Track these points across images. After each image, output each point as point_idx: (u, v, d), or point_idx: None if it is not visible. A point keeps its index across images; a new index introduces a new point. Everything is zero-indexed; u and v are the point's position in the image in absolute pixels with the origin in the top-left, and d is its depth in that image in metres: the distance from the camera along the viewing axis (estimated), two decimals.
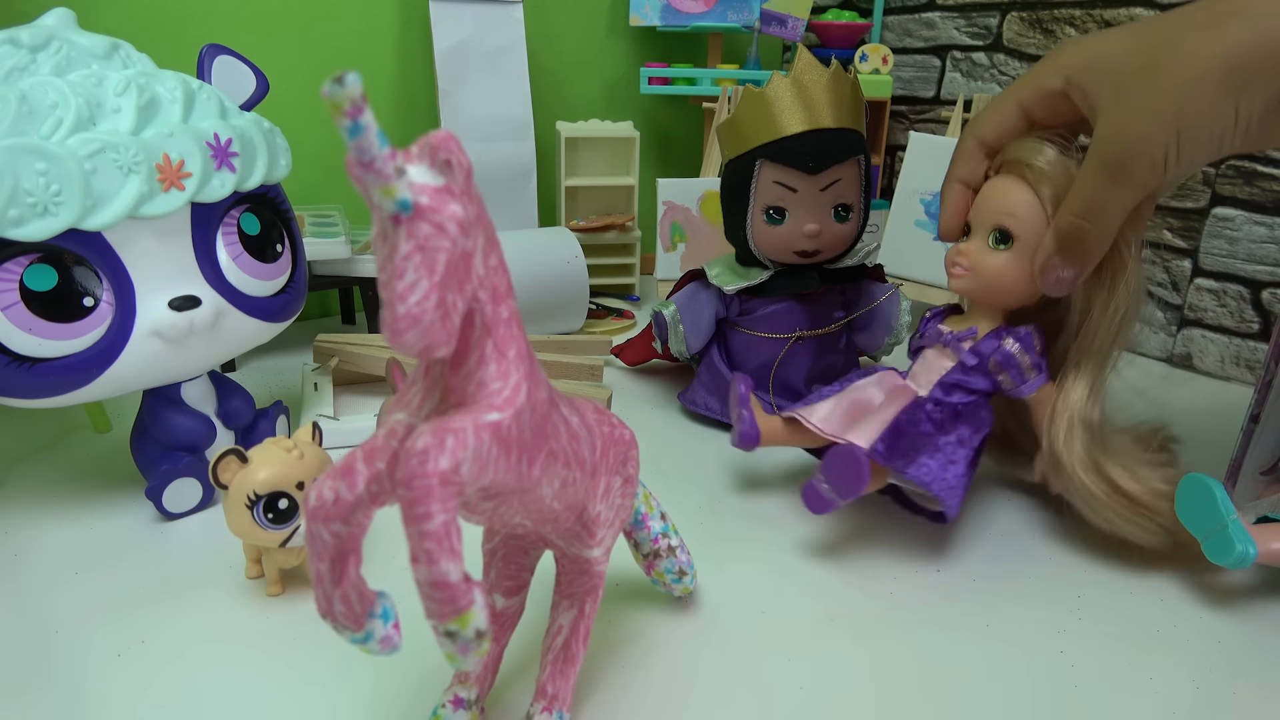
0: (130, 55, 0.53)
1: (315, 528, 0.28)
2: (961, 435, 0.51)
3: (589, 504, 0.36)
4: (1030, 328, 0.53)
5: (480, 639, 0.27)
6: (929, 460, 0.48)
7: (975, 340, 0.53)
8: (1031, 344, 0.52)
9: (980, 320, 0.54)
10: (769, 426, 0.56)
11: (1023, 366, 0.52)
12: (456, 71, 0.89)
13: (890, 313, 0.68)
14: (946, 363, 0.54)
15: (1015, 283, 0.51)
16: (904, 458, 0.48)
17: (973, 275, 0.52)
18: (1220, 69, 0.38)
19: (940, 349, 0.54)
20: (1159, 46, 0.41)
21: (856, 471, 0.47)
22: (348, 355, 0.70)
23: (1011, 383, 0.52)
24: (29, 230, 0.46)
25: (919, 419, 0.52)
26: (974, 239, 0.52)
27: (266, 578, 0.47)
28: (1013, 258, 0.50)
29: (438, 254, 0.26)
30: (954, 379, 0.53)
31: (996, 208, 0.51)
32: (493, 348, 0.30)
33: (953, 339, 0.53)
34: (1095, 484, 0.50)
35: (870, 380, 0.56)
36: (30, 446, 0.63)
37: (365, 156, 0.25)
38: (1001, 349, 0.52)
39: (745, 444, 0.55)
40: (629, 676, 0.41)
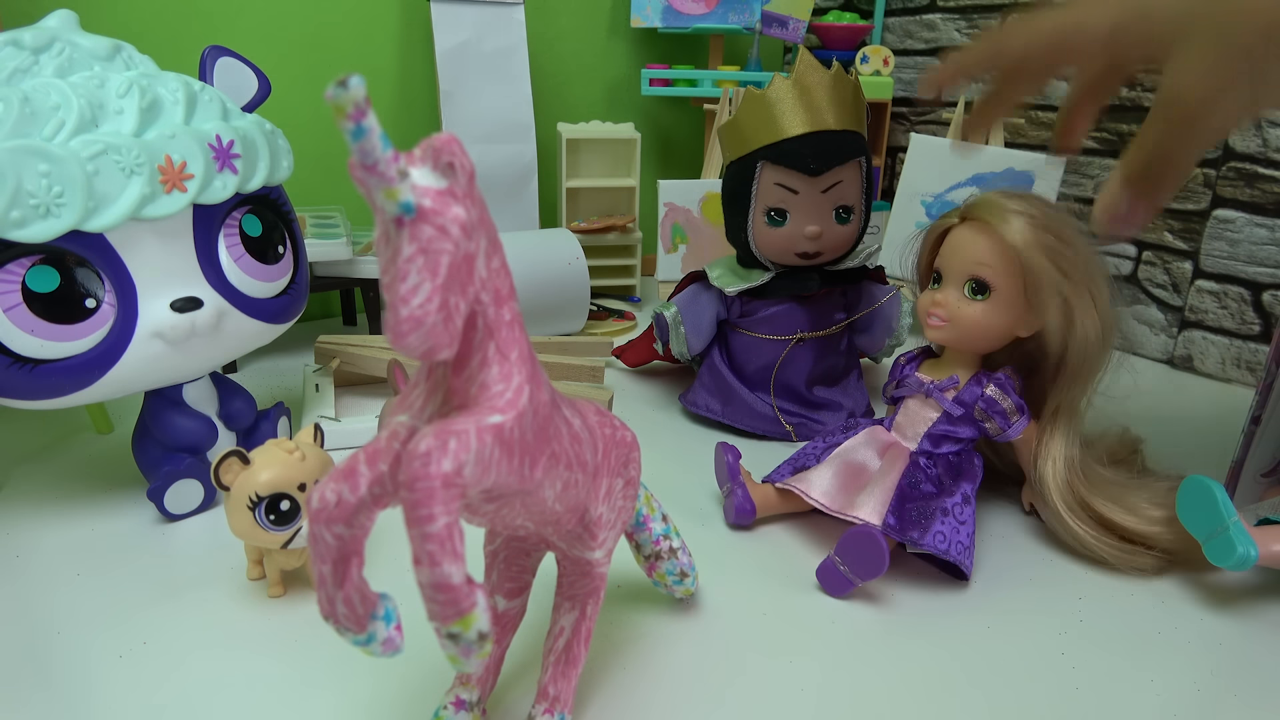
0: (133, 57, 0.53)
1: (318, 529, 0.28)
2: (965, 493, 0.51)
3: (591, 506, 0.36)
4: (1007, 370, 0.53)
5: (482, 641, 0.27)
6: (941, 527, 0.48)
7: (957, 389, 0.53)
8: (1010, 387, 0.53)
9: (958, 367, 0.54)
10: (763, 498, 0.54)
11: (1006, 410, 0.53)
12: (458, 73, 0.89)
13: (891, 314, 0.68)
14: (931, 413, 0.54)
15: (993, 330, 0.52)
16: (917, 528, 0.48)
17: (951, 326, 0.52)
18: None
19: (922, 399, 0.54)
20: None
21: (877, 555, 0.46)
22: (349, 356, 0.70)
23: (998, 428, 0.53)
24: (31, 232, 0.46)
25: (918, 480, 0.51)
26: (947, 289, 0.52)
27: (268, 579, 0.47)
28: (990, 307, 0.51)
29: (440, 256, 0.26)
30: (941, 430, 0.53)
31: (970, 258, 0.51)
32: (495, 350, 0.30)
33: (935, 389, 0.54)
34: (1082, 527, 0.51)
35: (859, 440, 0.55)
36: (32, 448, 0.63)
37: (368, 159, 0.25)
38: (985, 396, 0.53)
39: (740, 519, 0.54)
40: (631, 678, 0.41)
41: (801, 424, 0.67)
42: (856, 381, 0.70)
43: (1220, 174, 0.78)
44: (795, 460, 0.56)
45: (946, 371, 0.54)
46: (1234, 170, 0.77)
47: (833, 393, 0.68)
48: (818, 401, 0.67)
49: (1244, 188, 0.77)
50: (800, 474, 0.53)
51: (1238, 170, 0.77)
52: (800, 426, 0.66)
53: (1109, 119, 0.86)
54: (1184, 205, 0.82)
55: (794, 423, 0.66)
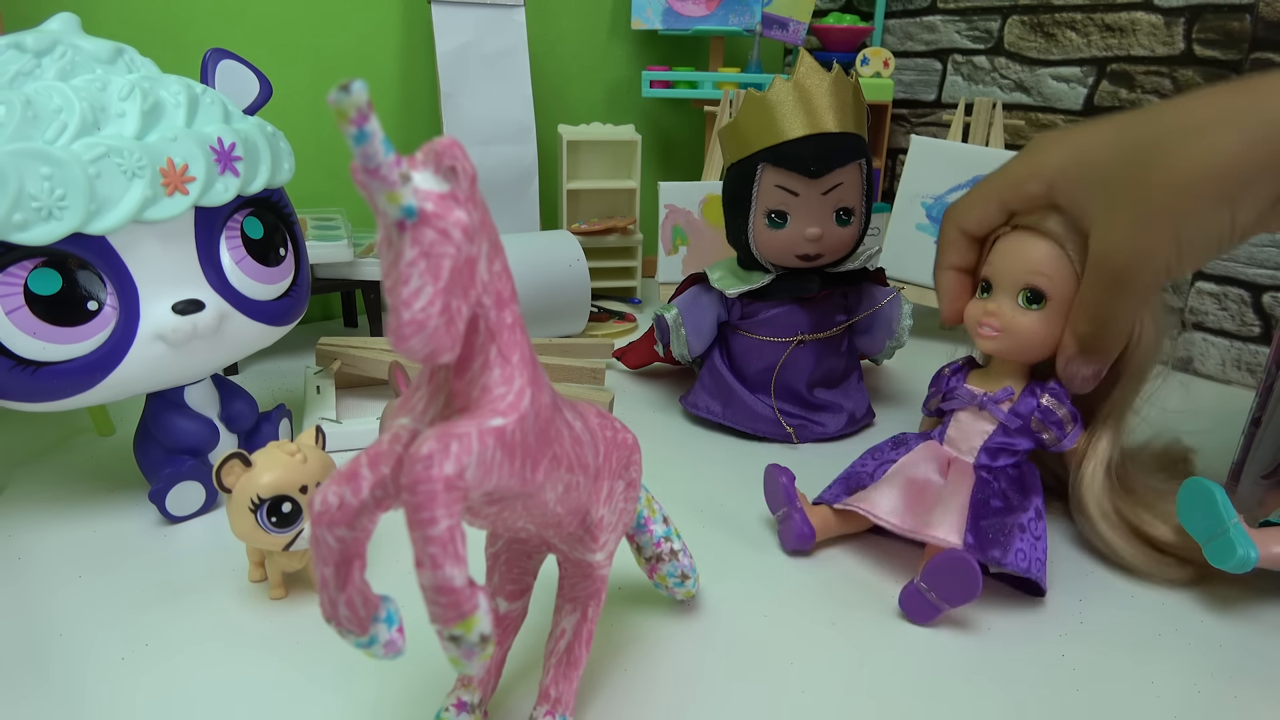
0: (134, 60, 0.53)
1: (320, 532, 0.28)
2: (1038, 507, 0.50)
3: (592, 508, 0.36)
4: (1058, 379, 0.52)
5: (484, 644, 0.27)
6: (1021, 545, 0.47)
7: (1012, 401, 0.52)
8: (1064, 396, 0.52)
9: (1009, 378, 0.53)
10: (822, 520, 0.52)
11: (1062, 420, 0.51)
12: (458, 75, 0.89)
13: (892, 316, 0.68)
14: (985, 425, 0.52)
15: (1048, 340, 0.50)
16: (997, 546, 0.46)
17: (1005, 336, 0.51)
18: (1213, 181, 0.38)
19: (975, 411, 0.53)
20: (1144, 152, 0.41)
21: (971, 580, 0.44)
22: (350, 358, 0.70)
23: (1055, 439, 0.52)
24: (33, 234, 0.46)
25: (989, 497, 0.50)
26: (1000, 298, 0.51)
27: (269, 581, 0.47)
28: (1045, 316, 0.49)
29: (442, 260, 0.26)
30: (998, 443, 0.52)
31: (1025, 266, 0.49)
32: (497, 353, 0.30)
33: (989, 401, 0.52)
34: (1114, 533, 0.50)
35: (917, 456, 0.53)
36: (33, 450, 0.63)
37: (370, 163, 0.25)
38: (1041, 406, 0.51)
39: (801, 545, 0.52)
40: (632, 680, 0.42)
41: (802, 425, 0.67)
42: (857, 383, 0.70)
43: None
44: (847, 479, 0.54)
45: (998, 382, 0.53)
46: None
47: (833, 394, 0.68)
48: (818, 403, 0.68)
49: None
50: (859, 493, 0.51)
51: None
52: (801, 428, 0.66)
53: None
54: None
55: (795, 424, 0.66)
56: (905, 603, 0.47)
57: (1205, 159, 0.39)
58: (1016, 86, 0.93)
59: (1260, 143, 0.38)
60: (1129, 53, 0.84)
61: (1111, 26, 0.84)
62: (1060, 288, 0.49)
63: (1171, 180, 0.39)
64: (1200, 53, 0.79)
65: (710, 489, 0.59)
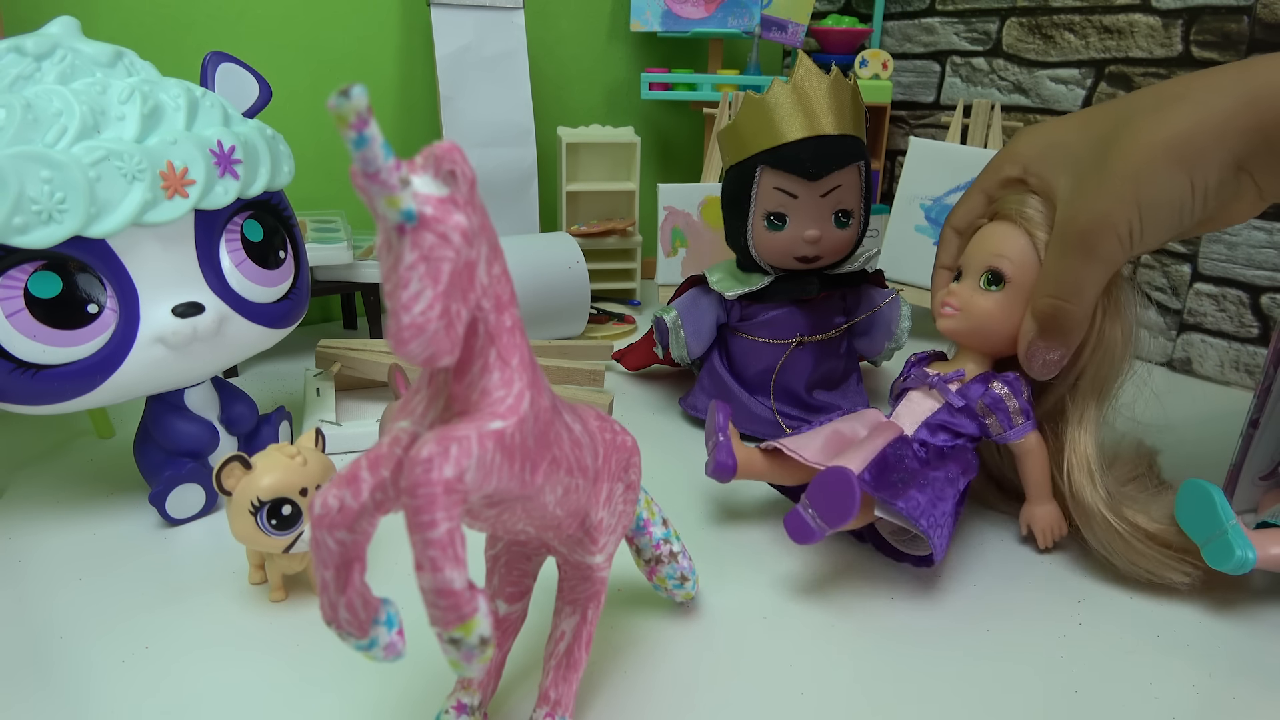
0: (134, 63, 0.53)
1: (320, 535, 0.28)
2: (950, 474, 0.50)
3: (591, 510, 0.36)
4: (1018, 374, 0.52)
5: (484, 646, 0.27)
6: (918, 495, 0.46)
7: (962, 382, 0.53)
8: (1019, 389, 0.52)
9: (967, 364, 0.53)
10: (747, 457, 0.53)
11: (1010, 411, 0.51)
12: (458, 77, 0.89)
13: (891, 317, 0.68)
14: (932, 404, 0.53)
15: (1004, 325, 0.51)
16: (891, 489, 0.47)
17: (962, 316, 0.52)
18: (1169, 148, 0.41)
19: (926, 390, 0.54)
20: (1110, 132, 0.43)
21: (847, 495, 0.44)
22: (350, 361, 0.70)
23: (999, 427, 0.52)
24: (33, 238, 0.46)
25: (905, 455, 0.50)
26: (965, 281, 0.52)
27: (269, 584, 0.47)
28: (1003, 299, 0.50)
29: (442, 264, 0.27)
30: (940, 420, 0.52)
31: (988, 249, 0.51)
32: (496, 356, 0.30)
33: (939, 381, 0.53)
34: (1124, 528, 0.49)
35: (852, 416, 0.55)
36: (33, 452, 0.64)
37: (370, 168, 0.25)
38: (990, 392, 0.51)
39: (720, 474, 0.52)
40: (631, 682, 0.42)
41: (801, 427, 0.66)
42: (856, 385, 0.70)
43: None
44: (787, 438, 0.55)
45: (954, 367, 0.54)
46: None
47: (832, 396, 0.68)
48: (817, 404, 0.68)
49: None
50: (790, 439, 0.53)
51: None
52: (799, 430, 0.66)
53: None
54: None
55: (793, 426, 0.66)
56: (789, 523, 0.47)
57: (1161, 130, 0.41)
58: (1015, 88, 0.93)
59: (1216, 113, 0.40)
60: (1127, 54, 0.84)
61: (1110, 28, 0.85)
62: (1021, 272, 0.50)
63: (1132, 150, 0.41)
64: (1198, 54, 0.79)
65: (710, 492, 0.59)
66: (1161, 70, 0.82)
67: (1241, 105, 0.40)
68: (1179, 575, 0.49)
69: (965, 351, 0.54)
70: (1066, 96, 0.89)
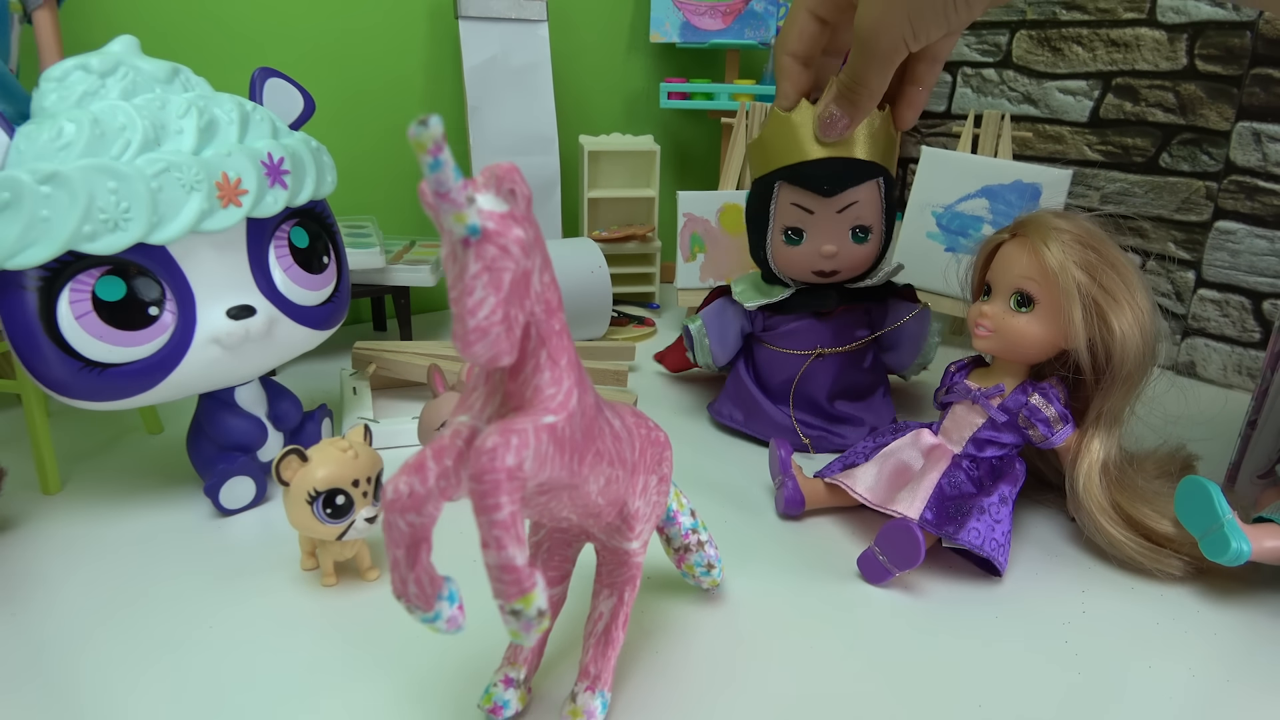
0: (190, 79, 0.57)
1: (392, 518, 0.31)
2: (1003, 494, 0.53)
3: (629, 500, 0.39)
4: (1052, 381, 0.56)
5: (541, 617, 0.30)
6: (977, 524, 0.51)
7: (1002, 397, 0.56)
8: (1055, 396, 0.55)
9: (1005, 376, 0.57)
10: (812, 491, 0.58)
11: (1049, 419, 0.55)
12: (485, 88, 0.92)
13: (918, 333, 0.69)
14: (976, 419, 0.57)
15: (1037, 341, 0.54)
16: (953, 523, 0.51)
17: (996, 336, 0.55)
18: None
19: (969, 405, 0.57)
20: None
21: (913, 546, 0.49)
22: (385, 362, 0.73)
23: (1041, 436, 0.55)
24: (101, 244, 0.50)
25: (959, 480, 0.54)
26: (995, 301, 0.55)
27: (321, 569, 0.50)
28: (1034, 318, 0.54)
29: (503, 273, 0.29)
30: (986, 435, 0.56)
31: (1018, 273, 0.54)
32: (547, 356, 0.33)
33: (981, 396, 0.56)
34: (1116, 529, 0.53)
35: (905, 441, 0.58)
36: (88, 447, 0.67)
37: (442, 188, 0.28)
38: (1029, 404, 0.55)
39: (790, 510, 0.58)
40: (663, 660, 0.45)
41: (821, 437, 0.69)
42: (883, 398, 0.71)
43: (1222, 187, 0.81)
44: (845, 458, 0.59)
45: (994, 380, 0.57)
46: (1235, 184, 0.80)
47: (856, 407, 0.70)
48: (839, 415, 0.70)
49: (1245, 200, 0.79)
50: (848, 470, 0.57)
51: (1239, 184, 0.79)
52: (819, 439, 0.68)
53: (1113, 133, 0.89)
54: (1187, 217, 0.84)
55: (812, 435, 0.68)
56: (862, 565, 0.52)
57: None
58: (1024, 99, 0.96)
59: None
60: (1133, 67, 0.87)
61: (1116, 42, 0.87)
62: (1048, 293, 0.53)
63: None
64: (1202, 68, 0.82)
65: (734, 489, 0.62)
66: (1166, 83, 0.85)
67: None
68: (1165, 568, 0.52)
69: (1002, 363, 0.57)
70: (1074, 107, 0.92)
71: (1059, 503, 0.59)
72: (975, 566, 0.54)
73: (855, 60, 0.52)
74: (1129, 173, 0.89)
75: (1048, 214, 0.55)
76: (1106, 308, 0.52)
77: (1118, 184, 0.90)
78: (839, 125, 0.58)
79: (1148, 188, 0.88)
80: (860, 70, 0.53)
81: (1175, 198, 0.86)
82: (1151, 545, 0.53)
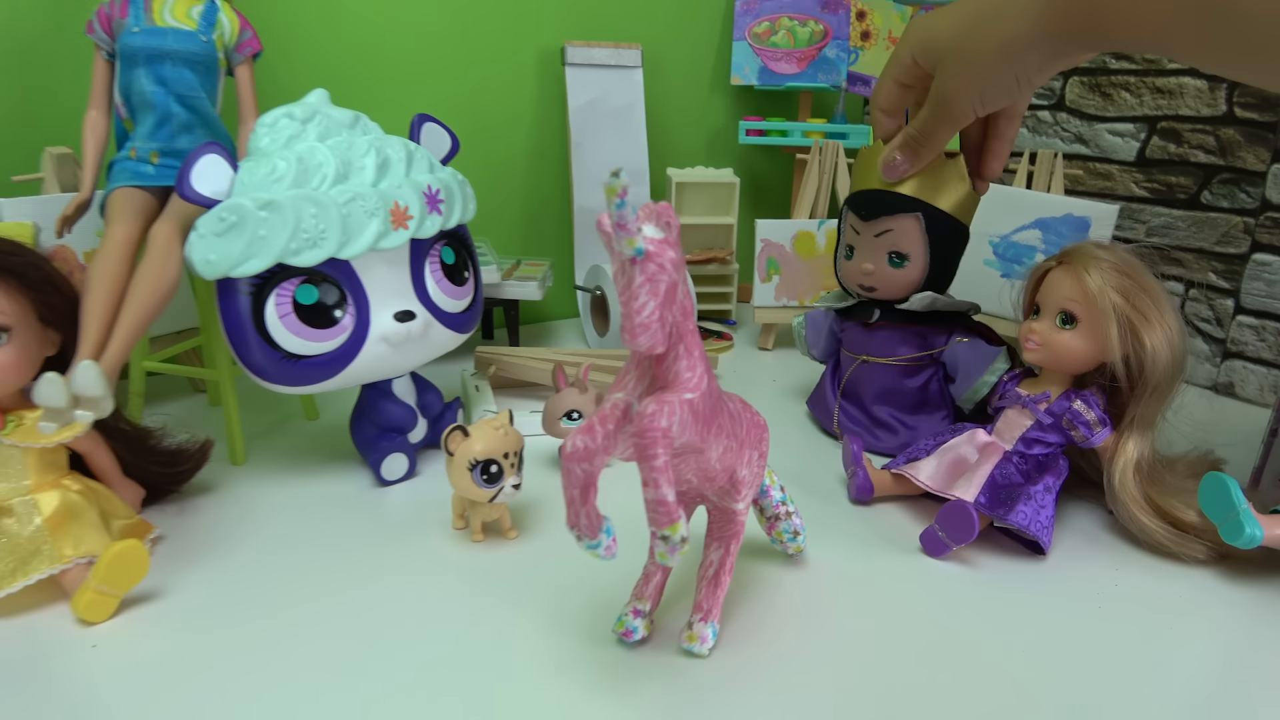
0: (367, 124, 0.69)
1: (570, 465, 0.41)
2: (1048, 484, 0.62)
3: (738, 468, 0.49)
4: (1093, 389, 0.65)
5: (684, 543, 0.40)
6: (1024, 508, 0.60)
7: (1049, 403, 0.65)
8: (1095, 402, 0.64)
9: (1051, 385, 0.66)
10: (880, 481, 0.68)
11: (1090, 422, 0.64)
12: (586, 126, 1.04)
13: (973, 366, 0.72)
14: (1026, 421, 0.66)
15: (1079, 354, 0.63)
16: (1004, 507, 0.60)
17: (1044, 349, 0.64)
18: (1000, 51, 0.55)
19: (1019, 409, 0.66)
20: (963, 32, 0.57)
21: (969, 523, 0.59)
22: (505, 364, 0.84)
23: (1082, 436, 0.64)
24: (303, 258, 0.61)
25: (1010, 472, 0.64)
26: (1043, 320, 0.65)
27: (470, 528, 0.61)
28: (1076, 335, 0.63)
29: (660, 283, 0.40)
30: (1033, 435, 0.65)
31: (1063, 295, 0.63)
32: (684, 349, 0.43)
33: (1030, 401, 0.66)
34: (1148, 518, 0.62)
35: (962, 439, 0.67)
36: (259, 430, 0.79)
37: (622, 221, 0.38)
38: (1071, 409, 0.64)
39: (861, 496, 0.68)
40: (756, 608, 0.54)
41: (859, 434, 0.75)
42: (941, 420, 0.76)
43: (1259, 223, 0.88)
44: (909, 454, 0.68)
45: (1042, 388, 0.66)
46: (1271, 219, 0.87)
47: (903, 417, 0.77)
48: (880, 420, 0.77)
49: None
50: (912, 463, 0.67)
51: (1274, 219, 0.87)
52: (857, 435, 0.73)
53: (1158, 172, 0.97)
54: (1226, 249, 0.92)
55: (854, 429, 0.77)
56: (924, 540, 0.62)
57: (996, 35, 0.54)
58: (1076, 139, 1.04)
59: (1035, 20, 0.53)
60: (1177, 112, 0.95)
61: (1161, 89, 0.96)
62: (1088, 313, 0.62)
63: (975, 50, 0.56)
64: (1240, 114, 0.90)
65: (810, 477, 0.72)
66: (1207, 127, 0.93)
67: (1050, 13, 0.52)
68: (1190, 553, 0.61)
69: (1048, 374, 0.67)
70: (1122, 148, 1.00)
71: (1098, 498, 0.67)
72: (1022, 546, 0.62)
73: (926, 118, 0.62)
74: (1173, 208, 0.97)
75: (1090, 244, 0.64)
76: (1140, 326, 0.61)
77: (1162, 218, 0.98)
78: (899, 169, 0.67)
79: (1190, 222, 0.96)
80: (929, 127, 0.62)
81: (1215, 232, 0.94)
82: (1178, 532, 0.61)
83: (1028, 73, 0.55)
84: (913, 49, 0.61)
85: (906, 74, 0.63)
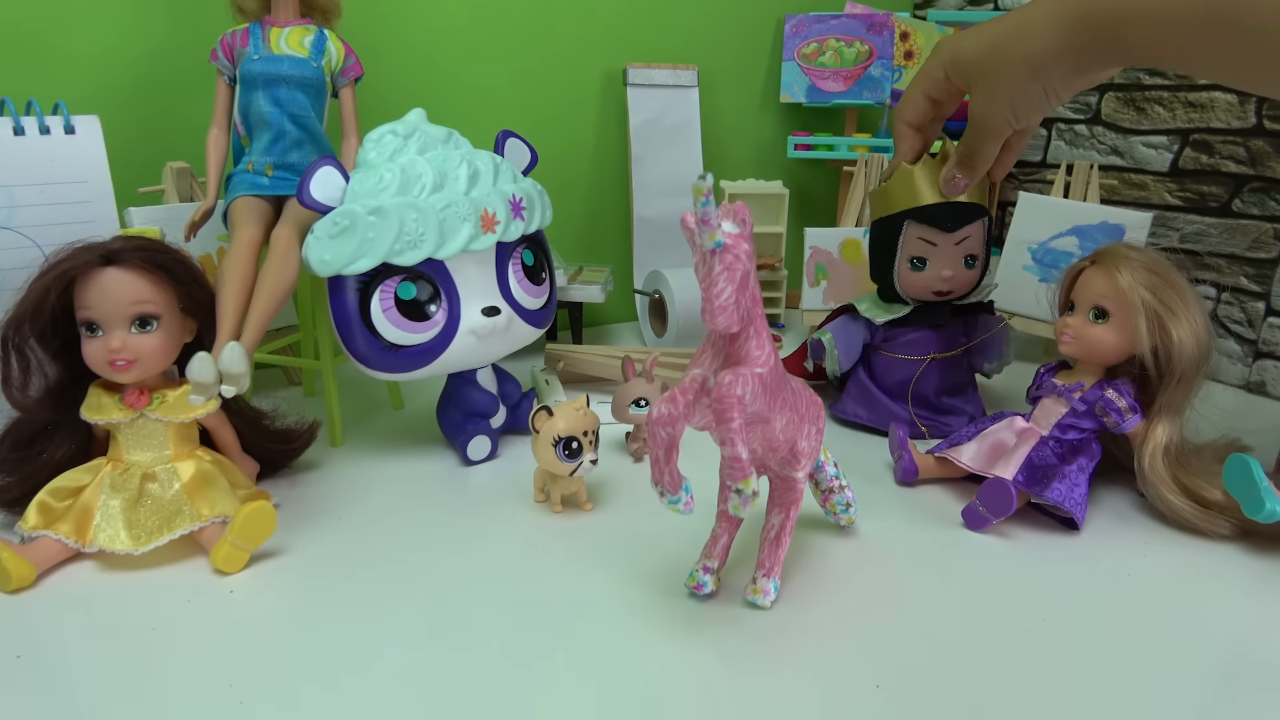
0: (459, 140, 0.76)
1: (655, 429, 0.48)
2: (1081, 464, 0.68)
3: (798, 439, 0.55)
4: (1124, 379, 0.70)
5: (755, 496, 0.47)
6: (1059, 485, 0.65)
7: (1083, 391, 0.70)
8: (1127, 391, 0.69)
9: (1085, 375, 0.71)
10: (924, 464, 0.74)
11: (1121, 409, 0.69)
12: (645, 142, 1.11)
13: (1001, 342, 0.84)
14: (1061, 409, 0.71)
15: (1110, 346, 0.69)
16: (1040, 484, 0.66)
17: (1078, 342, 0.70)
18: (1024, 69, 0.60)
19: (1055, 398, 0.72)
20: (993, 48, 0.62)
21: (1007, 498, 0.64)
22: (573, 360, 0.92)
23: (1114, 422, 0.70)
24: (405, 258, 0.69)
25: (1046, 455, 0.69)
26: (1077, 315, 0.70)
27: (550, 501, 0.68)
28: (1108, 329, 0.68)
29: (736, 271, 0.46)
30: (1068, 421, 0.71)
31: (1096, 291, 0.69)
32: (754, 330, 0.49)
33: (1065, 390, 0.71)
34: (1175, 497, 0.67)
35: (1001, 425, 0.73)
36: (352, 416, 0.86)
37: (706, 218, 0.45)
38: (1104, 397, 0.69)
39: (906, 478, 0.73)
40: (813, 571, 0.60)
41: (933, 425, 0.83)
42: (973, 392, 0.86)
43: None
44: (951, 439, 0.74)
45: (1076, 378, 0.71)
46: None
47: (956, 400, 0.85)
48: (944, 407, 0.84)
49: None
50: (954, 447, 0.72)
51: None
52: (932, 428, 0.83)
53: (1190, 182, 1.02)
54: (1257, 254, 0.96)
55: (927, 424, 0.84)
56: (966, 515, 0.67)
57: (1023, 50, 0.59)
58: (1111, 151, 1.09)
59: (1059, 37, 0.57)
60: (1209, 125, 1.00)
61: (1193, 103, 1.00)
62: (1119, 309, 0.67)
63: (1004, 66, 0.61)
64: (1270, 126, 0.94)
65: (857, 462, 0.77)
66: (1238, 139, 0.97)
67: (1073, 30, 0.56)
68: (1215, 530, 0.65)
69: (1083, 365, 0.72)
70: (1156, 159, 1.05)
71: (1130, 482, 0.72)
72: (1057, 523, 0.68)
73: (970, 137, 0.67)
74: (1205, 216, 1.02)
75: (1121, 245, 0.69)
76: (1167, 320, 0.66)
77: (1195, 225, 1.03)
78: (960, 185, 0.72)
79: (1222, 229, 1.00)
80: (974, 144, 0.67)
81: (1246, 238, 0.98)
82: (1204, 509, 0.66)
83: (1054, 86, 0.60)
84: (944, 64, 0.66)
85: (937, 88, 0.68)
